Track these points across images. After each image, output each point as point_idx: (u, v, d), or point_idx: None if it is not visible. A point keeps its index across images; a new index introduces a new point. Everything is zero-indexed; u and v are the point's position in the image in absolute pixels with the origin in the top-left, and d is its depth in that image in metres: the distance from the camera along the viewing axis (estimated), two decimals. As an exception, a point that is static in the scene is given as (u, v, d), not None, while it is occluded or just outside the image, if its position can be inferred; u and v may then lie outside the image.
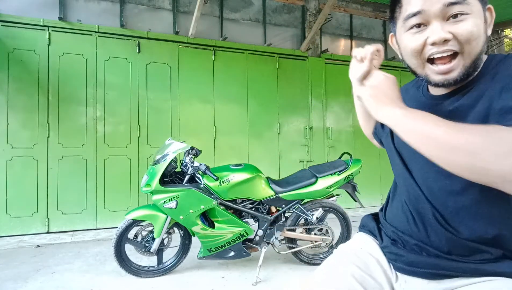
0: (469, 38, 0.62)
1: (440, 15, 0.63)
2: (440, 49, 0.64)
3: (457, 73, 0.65)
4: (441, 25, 0.63)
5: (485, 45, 0.65)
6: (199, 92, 4.45)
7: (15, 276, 2.54)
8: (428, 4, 0.63)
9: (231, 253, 2.51)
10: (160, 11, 4.43)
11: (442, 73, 0.66)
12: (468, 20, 0.62)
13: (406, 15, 0.67)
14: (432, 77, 0.67)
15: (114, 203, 3.99)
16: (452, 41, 0.63)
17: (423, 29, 0.66)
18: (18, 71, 3.69)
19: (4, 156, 3.62)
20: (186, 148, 2.52)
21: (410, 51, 0.68)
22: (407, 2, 0.67)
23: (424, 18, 0.65)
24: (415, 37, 0.67)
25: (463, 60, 0.64)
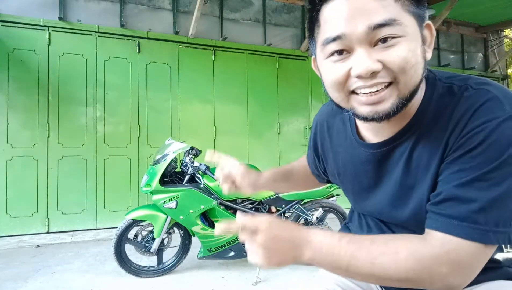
0: (403, 67, 0.49)
1: (366, 40, 0.50)
2: (367, 83, 0.51)
3: (390, 104, 0.51)
4: (367, 53, 0.50)
5: (424, 71, 0.54)
6: (199, 92, 4.45)
7: (15, 276, 2.54)
8: (350, 26, 0.49)
9: (231, 253, 2.51)
10: (160, 11, 4.43)
11: (371, 104, 0.52)
12: (401, 44, 0.49)
13: (325, 39, 0.53)
14: (359, 110, 0.54)
15: (114, 203, 3.99)
16: (382, 72, 0.50)
17: (346, 56, 0.52)
18: (18, 71, 3.69)
19: (4, 156, 3.62)
20: (186, 148, 2.52)
21: (331, 83, 0.55)
22: (325, 22, 0.53)
23: (346, 44, 0.51)
24: (336, 67, 0.53)
25: (397, 90, 0.51)
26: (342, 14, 0.50)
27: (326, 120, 0.80)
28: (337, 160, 0.76)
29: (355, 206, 0.78)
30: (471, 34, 6.70)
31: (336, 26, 0.51)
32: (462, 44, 6.65)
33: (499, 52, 7.03)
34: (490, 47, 6.96)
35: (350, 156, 0.71)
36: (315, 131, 0.85)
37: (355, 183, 0.72)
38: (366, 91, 0.52)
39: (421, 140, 0.57)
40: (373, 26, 0.49)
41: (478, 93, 0.53)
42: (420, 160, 0.58)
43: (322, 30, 0.54)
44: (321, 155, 0.84)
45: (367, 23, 0.49)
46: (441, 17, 5.16)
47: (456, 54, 6.64)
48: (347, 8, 0.50)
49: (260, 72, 4.79)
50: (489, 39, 6.94)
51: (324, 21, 0.53)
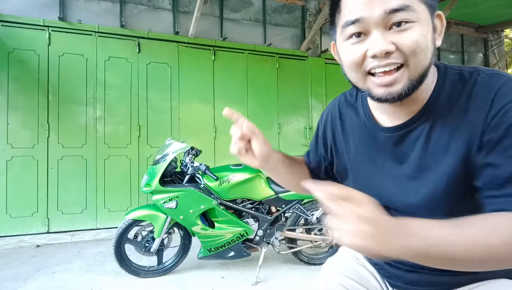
0: (414, 50, 0.54)
1: (382, 23, 0.54)
2: (381, 62, 0.55)
3: (402, 86, 0.56)
4: (382, 35, 0.54)
5: (434, 57, 0.58)
6: (199, 92, 4.45)
7: (15, 276, 2.54)
8: (367, 10, 0.54)
9: (231, 253, 2.51)
10: (160, 11, 4.43)
11: (385, 86, 0.56)
12: (413, 29, 0.54)
13: (344, 22, 0.57)
14: (375, 91, 0.58)
15: (114, 203, 3.99)
16: (395, 53, 0.54)
17: (363, 39, 0.57)
18: (18, 71, 3.69)
19: (4, 156, 3.62)
20: (186, 148, 2.52)
21: (349, 63, 0.59)
22: (346, 7, 0.58)
23: (363, 27, 0.56)
24: (354, 48, 0.58)
25: (408, 72, 0.55)
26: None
27: (339, 109, 0.82)
28: (348, 146, 0.77)
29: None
30: (471, 34, 6.70)
31: (355, 10, 0.55)
32: (462, 44, 6.65)
33: (499, 52, 7.03)
34: (490, 47, 6.96)
35: (364, 141, 0.73)
36: (325, 119, 0.85)
37: (366, 167, 0.73)
38: (380, 70, 0.56)
39: (438, 123, 0.60)
40: (389, 11, 0.53)
41: (492, 77, 0.57)
42: (438, 142, 0.60)
43: (343, 14, 0.58)
44: (331, 142, 0.83)
45: (383, 7, 0.53)
46: (441, 17, 5.15)
47: (456, 54, 6.64)
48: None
49: (260, 72, 4.79)
50: (489, 39, 6.94)
51: (344, 6, 0.58)
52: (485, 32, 6.81)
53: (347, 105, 0.80)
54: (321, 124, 0.88)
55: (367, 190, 0.68)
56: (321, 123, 0.88)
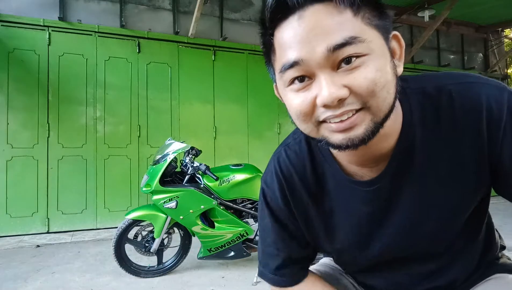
0: (372, 90, 0.43)
1: (327, 63, 0.43)
2: (336, 112, 0.44)
3: (363, 129, 0.45)
4: (330, 78, 0.43)
5: (397, 88, 0.47)
6: (199, 92, 4.45)
7: (15, 276, 2.54)
8: (306, 49, 0.43)
9: (231, 253, 2.51)
10: (160, 11, 4.43)
11: (343, 131, 0.45)
12: (366, 64, 0.43)
13: (282, 66, 0.46)
14: (332, 139, 0.47)
15: (114, 203, 3.99)
16: (350, 98, 0.44)
17: (308, 83, 0.46)
18: (18, 71, 3.69)
19: (4, 156, 3.62)
20: (186, 148, 2.52)
21: (296, 114, 0.48)
22: (280, 46, 0.47)
23: (305, 70, 0.45)
24: (299, 97, 0.46)
25: (370, 114, 0.45)
26: (297, 36, 0.44)
27: (289, 176, 0.64)
28: (323, 214, 0.63)
29: (356, 260, 0.66)
30: (471, 34, 6.70)
31: (292, 51, 0.44)
32: (462, 44, 6.65)
33: (499, 52, 7.03)
34: (490, 47, 6.96)
35: (341, 202, 0.61)
36: (279, 198, 0.65)
37: (354, 231, 0.62)
38: (336, 121, 0.45)
39: (425, 154, 0.53)
40: (332, 48, 0.42)
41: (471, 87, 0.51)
42: (439, 167, 0.53)
43: (278, 56, 0.48)
44: (301, 219, 0.65)
45: (325, 44, 0.42)
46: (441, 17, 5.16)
47: (456, 54, 6.64)
48: (301, 30, 0.44)
49: (260, 72, 4.79)
50: (489, 39, 6.94)
51: (278, 46, 0.47)
52: (485, 32, 6.81)
53: (299, 165, 0.63)
54: (276, 205, 0.66)
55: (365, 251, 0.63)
56: (275, 211, 0.66)
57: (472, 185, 0.53)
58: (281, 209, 0.65)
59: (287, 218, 0.65)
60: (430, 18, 5.16)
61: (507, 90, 0.50)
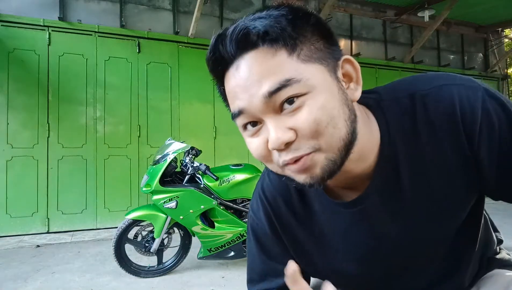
0: (316, 130, 0.42)
1: (267, 109, 0.43)
2: (287, 157, 0.44)
3: (320, 169, 0.44)
4: (275, 122, 0.43)
5: (352, 117, 0.45)
6: (199, 92, 4.46)
7: (15, 276, 2.54)
8: (246, 99, 0.44)
9: (231, 253, 2.51)
10: (160, 11, 4.43)
11: (301, 172, 0.45)
12: (307, 104, 0.42)
13: (232, 114, 0.47)
14: (297, 178, 0.47)
15: (114, 203, 3.99)
16: (297, 141, 0.43)
17: (259, 127, 0.46)
18: (18, 71, 3.69)
19: (4, 156, 3.62)
20: (186, 148, 2.53)
21: (258, 158, 0.48)
22: (228, 96, 0.48)
23: (252, 116, 0.45)
24: (254, 142, 0.47)
25: (322, 152, 0.44)
26: (236, 87, 0.45)
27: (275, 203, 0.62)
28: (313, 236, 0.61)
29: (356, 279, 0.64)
30: (471, 34, 6.70)
31: (236, 100, 0.45)
32: (462, 44, 6.66)
33: (499, 52, 7.03)
34: (490, 47, 6.97)
35: (329, 223, 0.59)
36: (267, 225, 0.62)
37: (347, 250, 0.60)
38: (291, 163, 0.45)
39: (414, 160, 0.51)
40: (268, 94, 0.42)
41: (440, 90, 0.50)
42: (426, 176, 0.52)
43: (229, 104, 0.49)
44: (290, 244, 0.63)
45: (260, 92, 0.42)
46: (441, 17, 5.16)
47: (456, 54, 6.64)
48: (239, 80, 0.44)
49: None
50: (489, 39, 6.94)
51: (227, 94, 0.48)
52: (485, 32, 6.82)
53: (284, 192, 0.62)
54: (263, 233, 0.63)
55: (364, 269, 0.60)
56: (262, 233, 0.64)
57: (462, 189, 0.52)
58: (268, 237, 0.62)
59: (275, 245, 0.63)
60: (430, 18, 5.17)
61: (481, 89, 0.49)
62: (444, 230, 0.56)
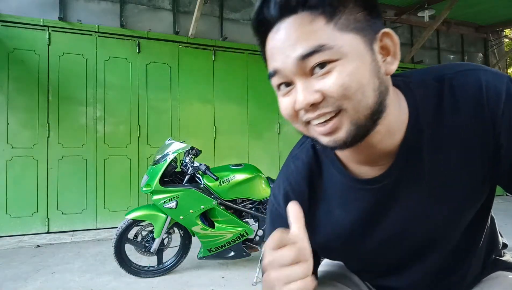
0: (343, 94, 0.44)
1: (300, 71, 0.46)
2: (313, 114, 0.47)
3: (345, 132, 0.47)
4: (304, 85, 0.46)
5: (382, 88, 0.47)
6: (199, 92, 4.46)
7: (15, 276, 2.54)
8: (281, 60, 0.47)
9: (231, 253, 2.51)
10: (160, 11, 4.43)
11: (326, 134, 0.48)
12: (337, 69, 0.44)
13: (268, 74, 0.51)
14: (320, 140, 0.50)
15: (114, 203, 3.99)
16: (324, 102, 0.46)
17: (291, 88, 0.49)
18: (18, 71, 3.69)
19: (4, 156, 3.62)
20: (186, 148, 2.52)
21: (285, 116, 0.52)
22: (267, 56, 0.51)
23: (284, 77, 0.48)
24: (284, 101, 0.50)
25: (348, 116, 0.46)
26: (274, 48, 0.48)
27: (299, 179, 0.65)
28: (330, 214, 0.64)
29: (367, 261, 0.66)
30: (471, 34, 6.70)
31: (272, 61, 0.49)
32: (462, 44, 6.66)
33: (499, 52, 7.03)
34: (490, 47, 6.97)
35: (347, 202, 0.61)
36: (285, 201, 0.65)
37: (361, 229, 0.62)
38: (315, 123, 0.48)
39: (433, 147, 0.53)
40: (301, 57, 0.44)
41: (466, 75, 0.52)
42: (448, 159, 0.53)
43: (267, 64, 0.52)
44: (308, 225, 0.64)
45: (294, 54, 0.45)
46: (441, 17, 5.16)
47: (456, 54, 6.64)
48: (278, 42, 0.47)
49: (260, 72, 4.79)
50: (489, 39, 6.94)
51: (267, 55, 0.51)
52: (485, 32, 6.81)
53: (307, 175, 0.64)
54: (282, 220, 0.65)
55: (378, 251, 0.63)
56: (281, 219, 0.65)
57: (480, 174, 0.53)
58: (284, 221, 0.63)
59: None
60: (430, 18, 5.17)
61: (506, 76, 0.51)
62: (455, 218, 0.57)
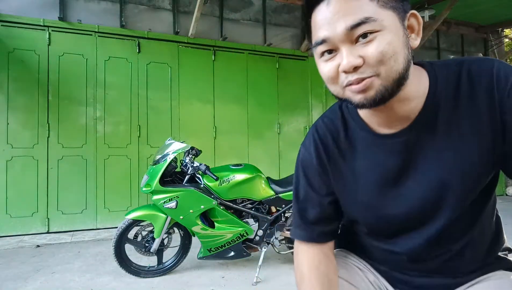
0: (381, 59, 0.54)
1: (347, 39, 0.55)
2: (353, 78, 0.57)
3: (375, 92, 0.57)
4: (349, 50, 0.56)
5: (409, 58, 0.58)
6: (199, 92, 4.46)
7: (15, 276, 2.54)
8: (331, 30, 0.56)
9: (231, 253, 2.51)
10: (160, 11, 4.43)
11: (360, 92, 0.58)
12: (378, 38, 0.54)
13: (314, 42, 0.60)
14: (353, 99, 0.60)
15: (114, 203, 3.99)
16: (363, 67, 0.55)
17: (334, 54, 0.58)
18: (18, 71, 3.69)
19: (4, 156, 3.62)
20: (186, 148, 2.52)
21: (326, 79, 0.62)
22: (313, 27, 0.60)
23: (331, 45, 0.57)
24: (328, 65, 0.60)
25: (380, 80, 0.56)
26: (325, 19, 0.57)
27: (324, 135, 0.75)
28: (354, 169, 0.72)
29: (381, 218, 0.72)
30: (471, 34, 6.70)
31: (321, 30, 0.57)
32: (462, 44, 6.65)
33: (499, 52, 7.02)
34: (490, 47, 6.96)
35: (370, 157, 0.70)
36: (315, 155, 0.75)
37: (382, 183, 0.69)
38: (354, 84, 0.57)
39: (448, 116, 0.62)
40: (350, 27, 0.54)
41: (482, 62, 0.62)
42: (460, 124, 0.62)
43: (313, 34, 0.60)
44: (333, 175, 0.75)
45: (344, 25, 0.54)
46: (441, 17, 5.16)
47: (456, 54, 6.64)
48: (328, 14, 0.56)
49: (260, 72, 4.79)
50: (489, 39, 6.94)
51: (313, 26, 0.60)
52: (485, 32, 6.81)
53: (334, 130, 0.75)
54: (310, 165, 0.76)
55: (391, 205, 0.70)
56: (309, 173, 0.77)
57: (490, 142, 0.60)
58: (315, 169, 0.75)
59: (319, 177, 0.75)
60: (430, 18, 5.16)
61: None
62: (465, 182, 0.63)
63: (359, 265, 0.82)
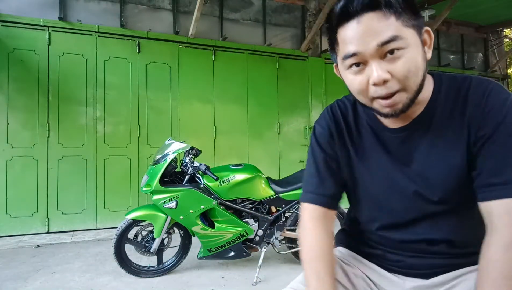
0: (407, 75, 0.61)
1: (376, 54, 0.61)
2: (382, 92, 0.63)
3: (402, 104, 0.65)
4: (379, 65, 0.62)
5: (426, 69, 0.66)
6: (199, 92, 4.45)
7: (15, 276, 2.54)
8: (363, 45, 0.62)
9: (231, 253, 2.51)
10: (160, 11, 4.43)
11: (389, 106, 0.65)
12: (404, 55, 0.61)
13: (344, 55, 0.65)
14: (382, 110, 0.67)
15: (114, 203, 3.99)
16: (391, 82, 0.62)
17: (362, 68, 0.64)
18: (18, 71, 3.69)
19: (4, 156, 3.62)
20: (186, 148, 2.52)
21: (356, 90, 0.68)
22: (342, 41, 0.65)
23: (361, 59, 0.63)
24: (358, 78, 0.66)
25: (405, 94, 0.64)
26: (356, 35, 0.62)
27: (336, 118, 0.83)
28: (359, 152, 0.80)
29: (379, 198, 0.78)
30: (471, 34, 6.70)
31: (352, 45, 0.63)
32: (462, 44, 6.65)
33: (499, 52, 7.02)
34: (490, 47, 6.96)
35: (374, 144, 0.78)
36: (327, 135, 0.82)
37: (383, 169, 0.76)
38: (382, 97, 0.64)
39: (441, 122, 0.70)
40: (381, 43, 0.60)
41: (483, 82, 0.67)
42: (445, 137, 0.69)
43: (341, 47, 0.66)
44: (341, 153, 0.82)
45: (375, 41, 0.60)
46: (441, 17, 5.16)
47: (456, 54, 6.64)
48: (359, 30, 0.62)
49: (260, 72, 4.79)
50: (489, 39, 6.94)
51: (341, 40, 0.65)
52: (485, 32, 6.81)
53: (345, 112, 0.83)
54: (322, 144, 0.83)
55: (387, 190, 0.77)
56: (322, 143, 0.84)
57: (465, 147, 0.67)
58: (328, 142, 0.82)
59: (331, 149, 0.82)
60: (430, 18, 5.16)
61: (510, 94, 0.65)
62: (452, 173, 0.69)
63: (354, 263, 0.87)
